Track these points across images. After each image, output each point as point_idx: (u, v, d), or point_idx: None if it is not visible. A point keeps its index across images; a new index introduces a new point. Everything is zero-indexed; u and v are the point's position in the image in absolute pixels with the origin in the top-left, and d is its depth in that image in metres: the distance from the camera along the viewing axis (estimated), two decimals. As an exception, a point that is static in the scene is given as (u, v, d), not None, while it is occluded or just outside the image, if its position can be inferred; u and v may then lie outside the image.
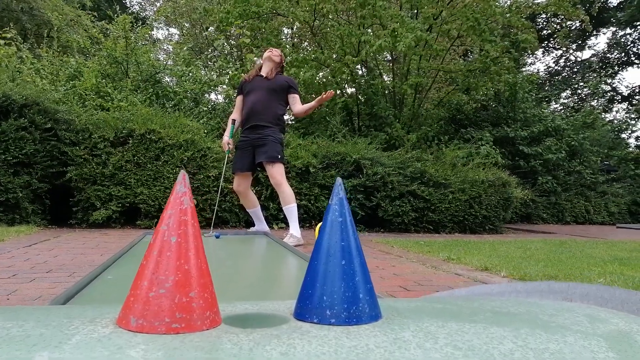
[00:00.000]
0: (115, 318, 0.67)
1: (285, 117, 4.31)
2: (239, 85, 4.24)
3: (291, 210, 3.81)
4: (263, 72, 4.00)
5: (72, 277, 2.06)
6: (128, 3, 21.02)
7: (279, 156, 3.80)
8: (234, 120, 4.07)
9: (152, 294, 0.65)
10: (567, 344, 0.60)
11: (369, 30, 7.81)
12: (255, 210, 4.22)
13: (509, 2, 8.54)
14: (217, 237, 3.80)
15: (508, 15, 7.32)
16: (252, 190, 4.35)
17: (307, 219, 5.73)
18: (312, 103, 3.80)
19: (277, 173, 3.78)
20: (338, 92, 8.15)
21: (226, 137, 4.03)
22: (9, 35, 6.53)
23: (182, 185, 0.72)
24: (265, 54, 4.05)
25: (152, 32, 14.52)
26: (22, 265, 2.39)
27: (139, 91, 6.67)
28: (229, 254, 2.63)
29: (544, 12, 8.91)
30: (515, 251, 3.73)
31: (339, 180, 0.82)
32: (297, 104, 3.93)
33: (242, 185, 4.07)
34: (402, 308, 0.82)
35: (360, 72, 9.30)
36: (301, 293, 0.73)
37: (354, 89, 8.30)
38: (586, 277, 2.43)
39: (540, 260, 3.15)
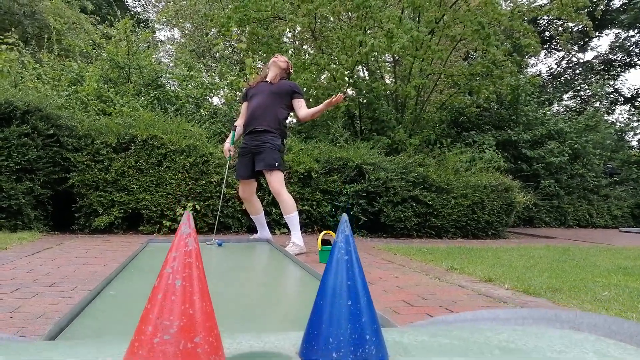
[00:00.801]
0: (120, 361, 0.66)
1: (288, 120, 4.27)
2: (243, 92, 4.23)
3: (292, 219, 3.79)
4: (268, 78, 3.98)
5: (75, 292, 2.05)
6: (130, 4, 21.06)
7: (277, 164, 3.75)
8: (235, 127, 4.07)
9: (157, 340, 0.65)
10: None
11: (369, 32, 7.80)
12: (258, 216, 4.21)
13: (510, 6, 8.53)
14: (220, 244, 3.79)
15: (511, 20, 7.30)
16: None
17: (310, 224, 5.72)
18: (320, 106, 3.74)
19: (275, 181, 3.75)
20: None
21: (227, 144, 4.02)
22: (10, 41, 6.53)
23: (186, 226, 0.71)
24: (271, 60, 4.05)
25: (155, 35, 14.54)
26: (24, 277, 2.39)
27: (140, 95, 6.67)
28: (230, 267, 2.62)
29: (546, 15, 8.88)
30: (519, 260, 3.71)
31: (344, 217, 0.81)
32: (302, 108, 3.90)
33: (246, 191, 4.07)
34: (409, 344, 0.81)
35: (361, 74, 9.30)
36: (307, 332, 0.72)
37: (355, 92, 8.28)
38: (590, 290, 2.42)
39: (544, 270, 3.14)
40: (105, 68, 6.90)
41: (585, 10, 8.25)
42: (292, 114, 4.14)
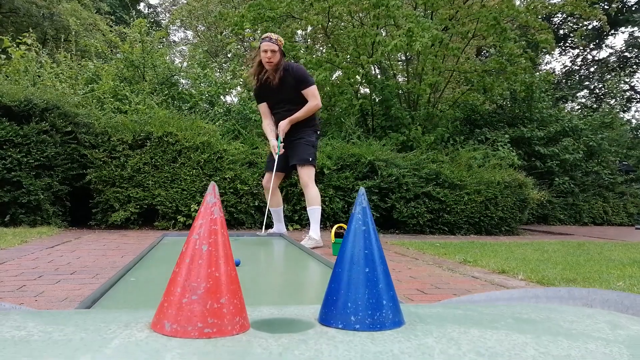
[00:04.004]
0: (149, 322, 0.70)
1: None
2: (255, 93, 4.24)
3: (314, 211, 3.84)
4: (270, 75, 3.83)
5: (95, 279, 2.11)
6: (143, 11, 21.29)
7: (310, 159, 3.83)
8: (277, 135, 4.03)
9: (185, 300, 0.68)
10: (589, 351, 0.61)
11: (383, 32, 7.80)
12: (278, 209, 4.25)
13: (525, 3, 8.47)
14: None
15: (527, 15, 7.26)
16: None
17: (322, 220, 5.74)
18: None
19: (306, 175, 3.81)
20: (353, 93, 8.16)
21: (274, 141, 3.91)
22: (29, 41, 6.66)
23: (212, 196, 0.74)
24: (264, 50, 3.71)
25: (169, 36, 14.68)
26: (46, 266, 2.46)
27: (155, 94, 6.77)
28: (247, 256, 2.65)
29: (560, 12, 8.82)
30: (532, 253, 3.71)
31: (362, 190, 0.84)
32: (309, 99, 3.93)
33: (273, 182, 4.11)
34: (424, 314, 0.83)
35: (374, 72, 9.29)
36: (326, 299, 0.75)
37: (368, 90, 8.29)
38: (605, 281, 2.41)
39: (558, 263, 3.13)
40: (120, 67, 7.01)
41: (600, 6, 8.16)
42: None
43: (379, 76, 9.13)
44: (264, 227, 3.88)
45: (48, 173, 4.81)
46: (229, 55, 11.89)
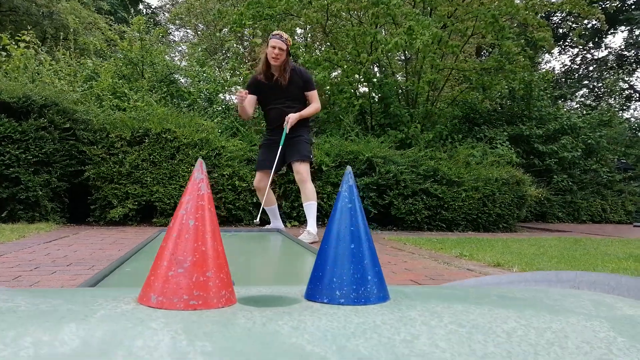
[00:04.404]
0: (137, 297, 0.70)
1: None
2: (251, 82, 4.26)
3: (310, 207, 3.87)
4: (275, 72, 3.97)
5: (91, 270, 2.12)
6: (143, 9, 21.28)
7: (310, 156, 3.98)
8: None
9: (171, 273, 0.69)
10: (570, 324, 0.62)
11: (382, 30, 7.80)
12: (273, 207, 4.28)
13: (524, 0, 8.47)
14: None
15: (526, 12, 7.27)
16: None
17: (320, 217, 5.75)
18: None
19: (304, 171, 3.88)
20: (352, 92, 8.16)
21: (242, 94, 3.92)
22: (27, 39, 6.67)
23: (199, 172, 0.75)
24: (271, 49, 3.82)
25: (168, 35, 14.69)
26: (43, 259, 2.46)
27: (154, 91, 6.78)
28: (242, 249, 2.66)
29: (559, 11, 8.82)
30: (529, 248, 3.72)
31: (348, 169, 0.85)
32: (312, 102, 4.06)
33: (263, 181, 4.12)
34: (410, 292, 0.84)
35: (373, 71, 9.30)
36: (312, 275, 0.76)
37: (367, 89, 8.30)
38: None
39: (554, 257, 3.14)
40: (119, 65, 7.01)
41: (599, 5, 8.17)
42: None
43: (377, 74, 9.13)
44: (259, 215, 3.89)
45: (46, 169, 4.81)
46: (228, 55, 11.91)
